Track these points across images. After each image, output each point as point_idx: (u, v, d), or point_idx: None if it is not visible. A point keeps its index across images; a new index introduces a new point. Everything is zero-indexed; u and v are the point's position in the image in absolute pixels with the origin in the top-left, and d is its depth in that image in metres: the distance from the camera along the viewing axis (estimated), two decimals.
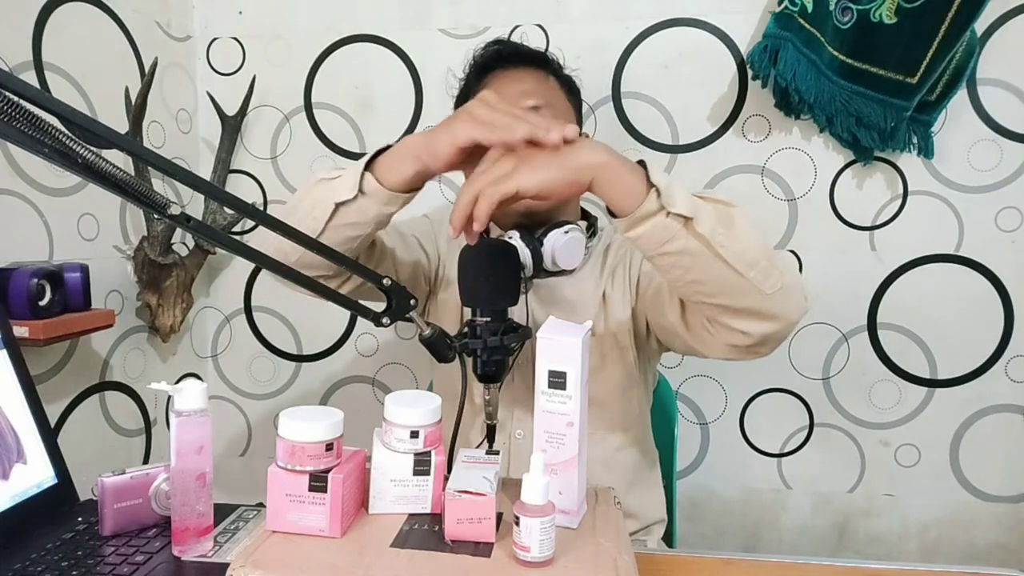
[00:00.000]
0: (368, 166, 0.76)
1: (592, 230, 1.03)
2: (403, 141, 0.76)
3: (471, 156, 0.72)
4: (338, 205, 0.76)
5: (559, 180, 0.67)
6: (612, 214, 0.71)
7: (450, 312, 1.03)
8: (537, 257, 0.93)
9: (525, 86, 0.98)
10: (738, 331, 0.75)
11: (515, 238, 0.92)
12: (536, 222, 0.94)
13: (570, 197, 0.68)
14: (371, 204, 0.76)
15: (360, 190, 0.75)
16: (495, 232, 1.00)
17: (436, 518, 0.65)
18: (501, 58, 1.03)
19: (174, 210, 0.58)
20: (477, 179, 0.68)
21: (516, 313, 0.94)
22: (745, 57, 1.35)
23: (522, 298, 0.96)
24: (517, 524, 0.58)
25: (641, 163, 0.70)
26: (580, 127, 1.06)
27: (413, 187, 0.77)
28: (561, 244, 0.92)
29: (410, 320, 0.74)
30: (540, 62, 1.04)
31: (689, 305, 0.81)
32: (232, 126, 1.49)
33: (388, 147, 0.77)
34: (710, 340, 0.80)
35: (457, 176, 0.89)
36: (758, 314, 0.73)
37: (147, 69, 1.29)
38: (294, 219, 0.76)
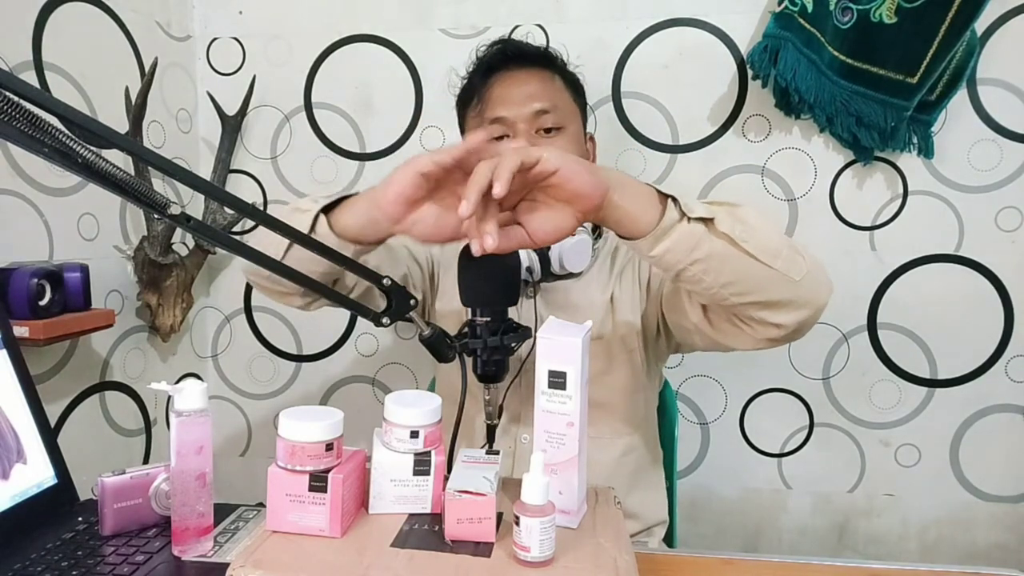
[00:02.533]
0: (334, 207, 0.75)
1: (598, 232, 1.03)
2: (364, 194, 0.75)
3: (416, 206, 0.67)
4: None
5: (582, 170, 0.64)
6: (625, 238, 0.69)
7: (448, 318, 1.02)
8: (544, 261, 0.92)
9: (530, 88, 0.98)
10: (772, 324, 0.75)
11: None
12: None
13: (585, 197, 0.64)
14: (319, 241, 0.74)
15: (312, 228, 0.74)
16: None
17: (436, 518, 0.65)
18: (506, 58, 1.02)
19: (174, 210, 0.58)
20: (496, 155, 0.64)
21: (524, 317, 0.94)
22: (745, 57, 1.35)
23: (529, 302, 0.96)
24: (517, 524, 0.58)
25: (653, 192, 0.69)
26: (585, 125, 1.06)
27: (362, 238, 0.74)
28: (568, 247, 0.92)
29: (410, 320, 0.74)
30: (545, 61, 1.03)
31: (712, 305, 0.80)
32: (232, 126, 1.49)
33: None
34: (741, 336, 0.79)
35: None
36: (791, 303, 0.73)
37: (147, 69, 1.29)
38: (265, 238, 0.75)
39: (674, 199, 0.68)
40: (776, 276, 0.71)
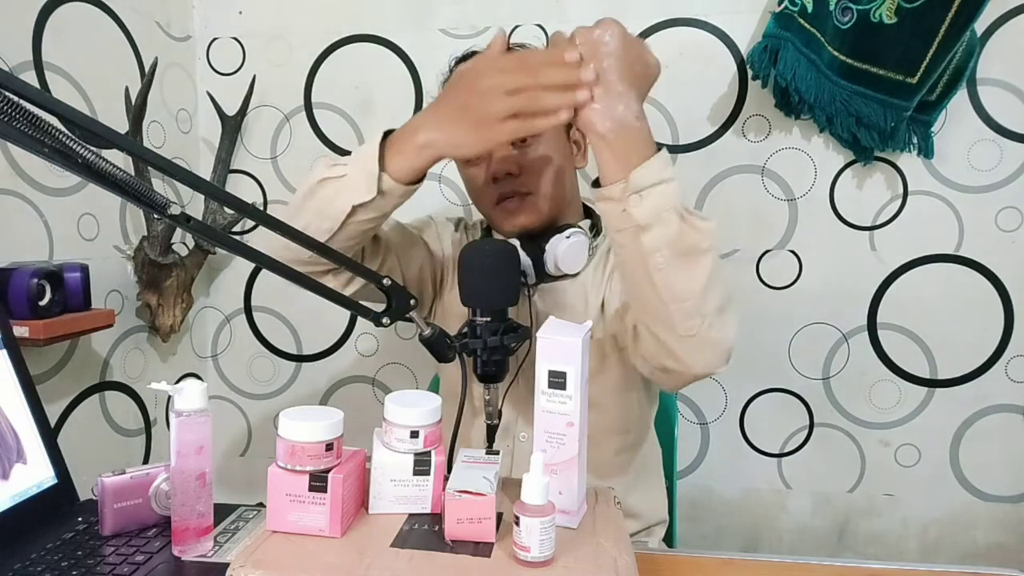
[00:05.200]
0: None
1: (596, 229, 1.03)
2: (413, 129, 0.73)
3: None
4: (355, 207, 0.74)
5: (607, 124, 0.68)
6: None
7: (456, 314, 1.02)
8: (539, 264, 0.93)
9: None
10: (649, 347, 0.77)
11: (517, 246, 0.92)
12: (540, 230, 0.94)
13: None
14: (390, 201, 0.75)
15: (379, 190, 0.73)
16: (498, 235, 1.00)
17: (436, 518, 0.65)
18: None
19: (174, 210, 0.58)
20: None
21: (522, 317, 0.94)
22: (745, 57, 1.35)
23: (526, 303, 0.96)
24: (517, 524, 0.58)
25: (660, 148, 0.70)
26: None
27: (425, 174, 0.76)
28: (563, 249, 0.92)
29: (410, 320, 0.74)
30: None
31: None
32: (232, 126, 1.49)
33: (390, 132, 0.75)
34: (633, 348, 0.82)
35: (455, 174, 0.88)
36: (664, 344, 0.74)
37: (147, 69, 1.29)
38: (301, 220, 0.76)
39: (628, 183, 0.68)
40: (663, 313, 0.72)
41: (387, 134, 0.75)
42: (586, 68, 0.66)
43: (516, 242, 0.93)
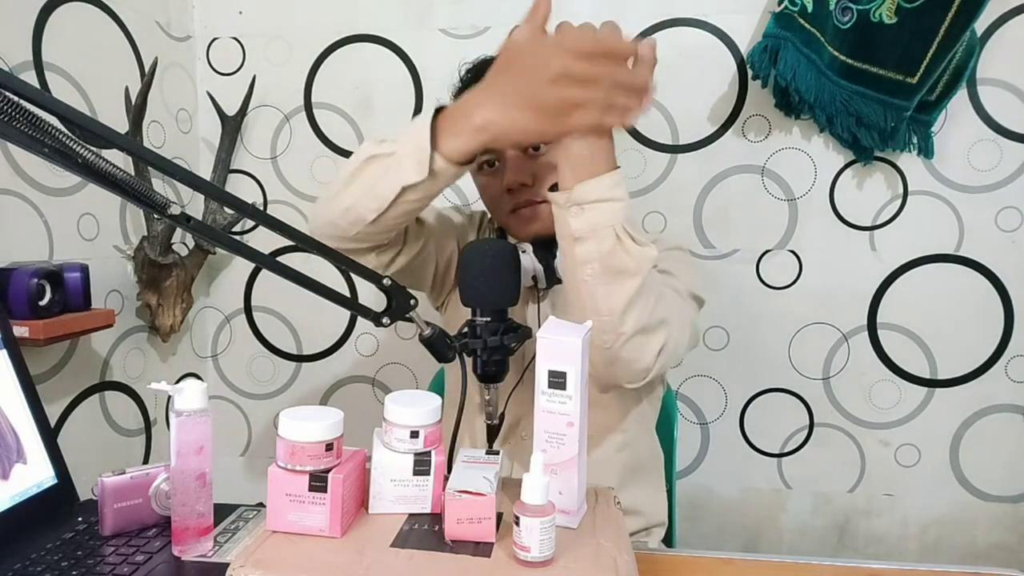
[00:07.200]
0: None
1: None
2: (470, 109, 0.70)
3: None
4: (405, 188, 0.72)
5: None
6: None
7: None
8: (549, 270, 0.93)
9: None
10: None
11: (528, 252, 0.92)
12: (553, 236, 0.94)
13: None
14: (440, 182, 0.74)
15: (430, 171, 0.71)
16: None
17: (436, 518, 0.65)
18: None
19: (174, 210, 0.58)
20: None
21: (532, 321, 0.94)
22: (745, 57, 1.35)
23: (533, 307, 0.96)
24: (517, 524, 0.58)
25: (616, 168, 0.71)
26: None
27: (476, 156, 0.74)
28: None
29: (410, 320, 0.74)
30: None
31: None
32: (232, 126, 1.49)
33: (442, 109, 0.73)
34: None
35: (461, 180, 0.88)
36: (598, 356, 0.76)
37: (147, 69, 1.29)
38: (346, 199, 0.76)
39: (571, 196, 0.69)
40: (584, 319, 0.72)
41: (438, 111, 0.73)
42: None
43: (529, 247, 0.93)
